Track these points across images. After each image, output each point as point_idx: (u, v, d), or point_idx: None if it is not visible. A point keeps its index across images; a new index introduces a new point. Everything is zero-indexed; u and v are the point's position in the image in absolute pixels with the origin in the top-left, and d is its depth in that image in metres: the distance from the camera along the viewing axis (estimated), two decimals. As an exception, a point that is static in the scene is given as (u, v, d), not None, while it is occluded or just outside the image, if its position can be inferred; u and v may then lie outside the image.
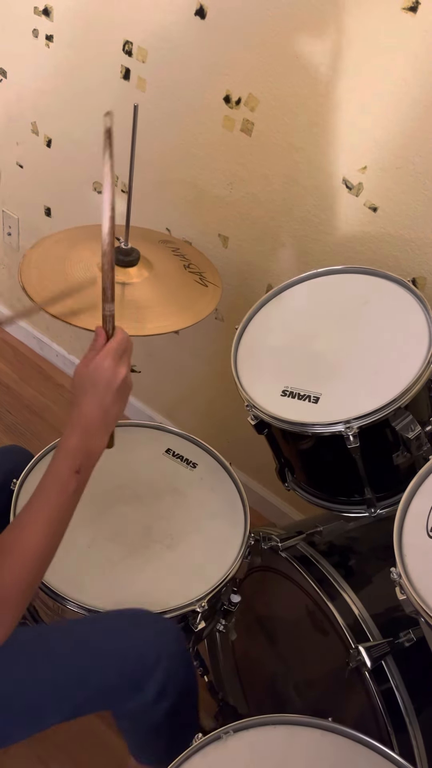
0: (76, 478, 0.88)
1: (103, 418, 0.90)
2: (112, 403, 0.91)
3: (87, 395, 0.90)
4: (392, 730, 1.01)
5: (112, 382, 0.90)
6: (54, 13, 1.67)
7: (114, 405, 0.91)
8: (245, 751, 0.88)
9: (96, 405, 0.90)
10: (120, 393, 0.91)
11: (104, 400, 0.90)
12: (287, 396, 1.16)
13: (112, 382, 0.90)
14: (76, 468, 0.88)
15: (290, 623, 1.27)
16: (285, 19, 1.32)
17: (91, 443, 0.89)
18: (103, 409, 0.90)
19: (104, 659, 1.00)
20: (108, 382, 0.90)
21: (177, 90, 1.54)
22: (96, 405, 0.90)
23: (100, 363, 0.90)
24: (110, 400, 0.90)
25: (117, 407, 0.92)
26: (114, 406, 0.91)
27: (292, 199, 1.48)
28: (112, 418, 0.92)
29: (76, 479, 0.88)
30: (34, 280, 1.30)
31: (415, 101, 1.24)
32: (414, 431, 1.08)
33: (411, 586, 0.84)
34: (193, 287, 1.37)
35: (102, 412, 0.90)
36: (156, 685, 1.00)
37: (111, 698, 1.02)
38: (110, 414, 0.91)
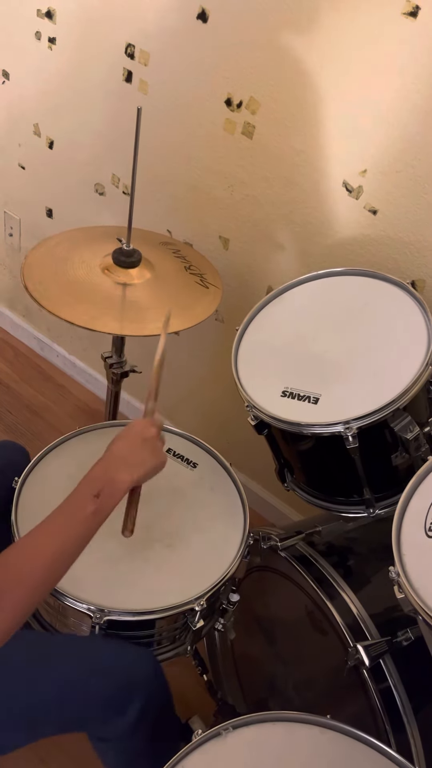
0: (94, 501, 0.92)
1: (128, 455, 0.97)
2: (140, 447, 0.98)
3: (119, 439, 0.99)
4: (390, 729, 1.02)
5: (142, 432, 1.00)
6: (57, 16, 1.68)
7: (141, 449, 0.98)
8: (244, 747, 0.89)
9: (124, 444, 0.98)
10: (149, 444, 1.00)
11: (134, 443, 0.98)
12: (287, 397, 1.16)
13: (143, 432, 1.00)
14: (96, 492, 0.93)
15: (289, 622, 1.27)
16: (286, 24, 1.33)
17: (113, 472, 0.95)
18: (131, 449, 0.98)
19: (93, 680, 1.02)
20: (139, 431, 1.00)
21: (178, 93, 1.55)
22: (124, 444, 0.98)
23: (135, 421, 1.03)
24: (138, 445, 0.99)
25: (144, 453, 0.99)
26: (141, 451, 0.98)
27: (293, 202, 1.49)
28: (138, 460, 0.98)
29: (93, 502, 0.92)
30: (36, 282, 1.31)
31: (415, 105, 1.25)
32: (413, 432, 1.09)
33: (409, 585, 0.84)
34: (193, 289, 1.38)
35: (128, 450, 0.98)
36: (136, 710, 1.02)
37: (92, 721, 1.04)
38: (136, 455, 0.98)
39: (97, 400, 2.20)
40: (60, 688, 1.00)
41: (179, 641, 1.17)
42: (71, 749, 1.41)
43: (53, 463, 1.26)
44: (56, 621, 1.14)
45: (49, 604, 1.12)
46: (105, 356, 1.51)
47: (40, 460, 1.25)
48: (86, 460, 1.26)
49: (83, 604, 1.06)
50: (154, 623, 1.10)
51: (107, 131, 1.74)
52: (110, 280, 1.34)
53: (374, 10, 1.23)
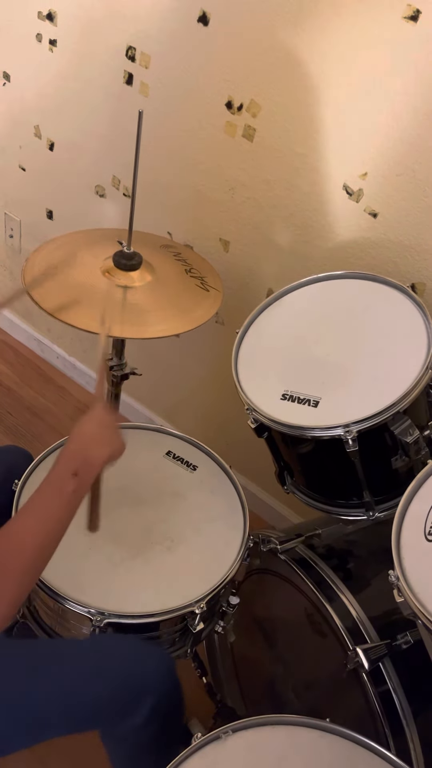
0: (73, 480, 0.92)
1: (97, 434, 0.98)
2: (106, 429, 0.99)
3: (85, 422, 0.99)
4: (389, 732, 1.02)
5: (104, 419, 1.00)
6: (58, 18, 1.69)
7: (107, 431, 0.99)
8: (244, 751, 0.89)
9: (93, 425, 0.98)
10: (112, 428, 1.00)
11: (100, 425, 0.99)
12: (287, 400, 1.17)
13: (104, 419, 1.00)
14: (74, 470, 0.92)
15: (289, 625, 1.27)
16: (287, 27, 1.34)
17: (88, 450, 0.95)
18: (99, 430, 0.98)
19: (103, 680, 1.02)
20: (101, 418, 1.00)
21: (179, 96, 1.56)
22: (93, 425, 0.98)
23: (95, 407, 1.02)
24: (104, 426, 0.99)
25: (111, 434, 0.99)
26: (107, 432, 0.99)
27: (293, 205, 1.49)
28: (107, 438, 0.98)
29: (73, 481, 0.91)
30: (36, 284, 1.31)
31: (415, 109, 1.25)
32: (412, 436, 1.09)
33: (409, 588, 0.84)
34: (194, 291, 1.38)
35: (97, 431, 0.98)
36: (148, 708, 1.02)
37: (103, 718, 1.04)
38: (104, 434, 0.98)
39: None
40: (67, 691, 1.00)
41: (179, 644, 1.17)
42: (70, 750, 1.40)
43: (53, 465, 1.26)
44: (56, 624, 1.15)
45: (49, 607, 1.12)
46: (105, 358, 1.51)
47: (40, 463, 1.25)
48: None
49: (83, 607, 1.06)
50: (154, 626, 1.10)
51: (108, 133, 1.74)
52: (111, 283, 1.34)
53: (375, 14, 1.23)
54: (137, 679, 1.02)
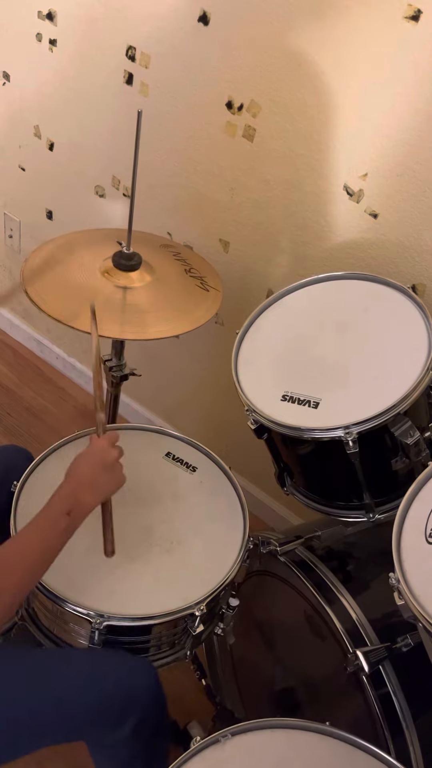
0: (66, 519, 0.98)
1: (92, 480, 1.02)
2: (102, 471, 1.03)
3: (81, 463, 1.03)
4: (389, 735, 1.02)
5: (105, 458, 1.04)
6: (58, 18, 1.68)
7: (104, 474, 1.03)
8: (243, 754, 0.88)
9: (87, 469, 1.03)
10: (112, 470, 1.05)
11: (95, 468, 1.03)
12: (287, 401, 1.16)
13: (105, 458, 1.04)
14: (67, 510, 0.98)
15: (288, 627, 1.27)
16: (287, 27, 1.33)
17: (80, 495, 1.01)
18: (94, 473, 1.03)
19: (83, 692, 1.03)
20: (102, 457, 1.04)
21: (179, 95, 1.55)
22: (87, 469, 1.03)
23: (95, 444, 1.06)
24: (100, 469, 1.03)
25: (107, 478, 1.04)
26: (104, 475, 1.03)
27: (293, 205, 1.49)
28: (102, 483, 1.03)
29: (66, 520, 0.98)
30: (35, 284, 1.31)
31: (416, 110, 1.25)
32: (413, 437, 1.09)
33: (409, 591, 0.84)
34: (193, 292, 1.38)
35: (92, 474, 1.03)
36: (133, 720, 1.04)
37: (87, 731, 1.06)
38: (100, 480, 1.03)
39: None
40: (57, 704, 1.02)
41: (179, 646, 1.17)
42: (68, 754, 1.40)
43: (52, 466, 1.26)
44: (55, 626, 1.14)
45: (48, 609, 1.12)
46: (105, 359, 1.51)
47: (39, 464, 1.25)
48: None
49: (83, 610, 1.06)
50: (153, 628, 1.10)
51: (108, 133, 1.74)
52: (110, 284, 1.33)
53: (375, 14, 1.22)
54: (123, 691, 1.04)
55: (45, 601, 1.10)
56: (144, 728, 1.04)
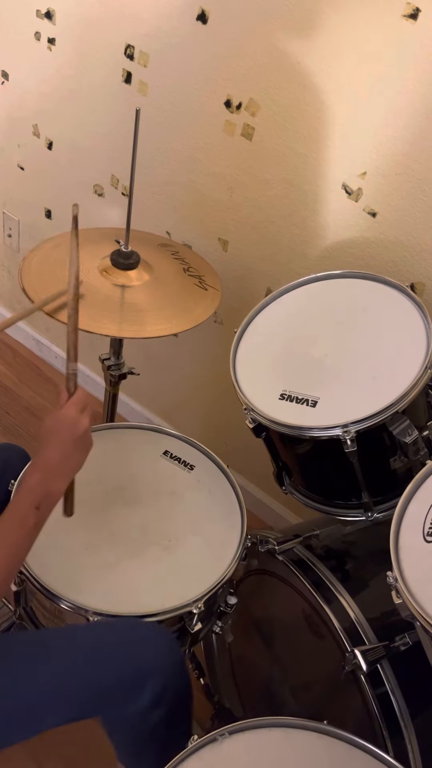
0: (35, 514, 0.94)
1: (63, 463, 0.97)
2: (73, 450, 0.98)
3: (51, 441, 0.97)
4: (387, 734, 1.02)
5: (73, 431, 0.98)
6: (56, 17, 1.68)
7: (74, 452, 0.99)
8: (241, 753, 0.88)
9: (57, 450, 0.97)
10: (81, 442, 0.99)
11: (65, 447, 0.97)
12: (285, 400, 1.16)
13: (74, 431, 0.98)
14: (36, 504, 0.94)
15: (286, 626, 1.27)
16: (286, 26, 1.33)
17: (50, 484, 0.96)
18: (64, 454, 0.97)
19: (103, 664, 1.01)
20: (70, 430, 0.98)
21: (178, 94, 1.55)
22: (57, 450, 0.97)
23: (63, 414, 0.99)
24: (71, 448, 0.98)
25: (77, 455, 0.99)
26: (74, 453, 0.99)
27: (292, 204, 1.49)
28: (72, 464, 0.99)
29: (35, 515, 0.94)
30: (34, 282, 1.31)
31: (414, 108, 1.25)
32: (411, 436, 1.08)
33: (407, 590, 0.84)
34: (192, 291, 1.38)
35: (62, 457, 0.97)
36: (151, 692, 1.00)
37: (107, 704, 1.02)
38: (70, 460, 0.98)
39: (95, 401, 2.19)
40: (60, 677, 0.99)
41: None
42: (66, 751, 1.40)
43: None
44: (52, 624, 1.14)
45: (46, 608, 1.12)
46: (103, 358, 1.51)
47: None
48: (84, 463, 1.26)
49: (80, 608, 1.06)
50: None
51: (106, 132, 1.74)
52: (108, 282, 1.33)
53: (374, 12, 1.22)
54: (140, 660, 1.01)
55: (42, 600, 1.10)
56: (164, 700, 1.01)
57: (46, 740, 1.04)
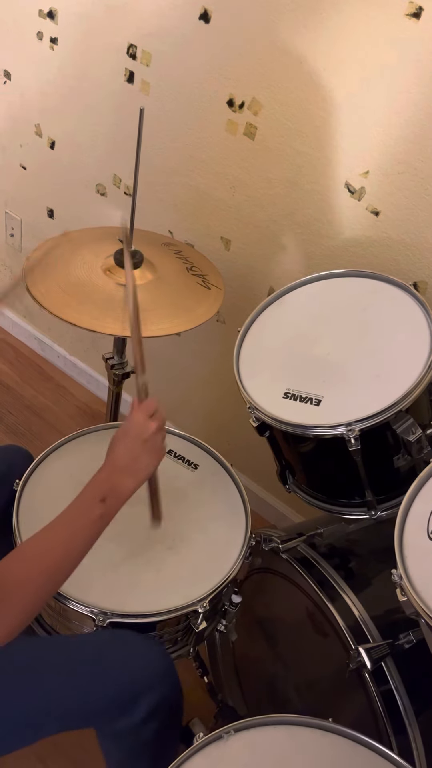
0: (100, 506, 0.94)
1: (130, 463, 0.98)
2: (141, 451, 0.99)
3: (119, 444, 0.99)
4: (392, 732, 1.02)
5: (142, 433, 0.99)
6: (58, 16, 1.68)
7: (143, 454, 0.99)
8: (246, 750, 0.89)
9: (124, 450, 0.99)
10: (150, 444, 1.00)
11: (133, 448, 0.99)
12: (289, 398, 1.16)
13: (142, 432, 0.99)
14: (101, 496, 0.95)
15: (290, 624, 1.27)
16: (289, 25, 1.33)
17: (117, 480, 0.97)
18: (131, 454, 0.99)
19: (103, 678, 1.02)
20: (138, 432, 0.99)
21: (181, 93, 1.55)
22: (124, 450, 0.99)
23: (132, 417, 1.01)
24: (139, 449, 0.99)
25: (146, 458, 1.00)
26: (143, 456, 0.99)
27: (295, 203, 1.49)
28: (141, 465, 1.00)
29: (100, 507, 0.94)
30: (37, 282, 1.31)
31: (417, 107, 1.25)
32: (415, 434, 1.09)
33: (411, 587, 0.84)
34: (195, 290, 1.38)
35: (130, 458, 0.98)
36: (145, 707, 1.01)
37: (103, 716, 1.03)
38: (139, 462, 0.99)
39: (98, 401, 2.20)
40: (62, 688, 1.00)
41: (181, 643, 1.17)
42: (70, 750, 1.40)
43: (54, 464, 1.26)
44: (58, 624, 1.14)
45: (51, 607, 1.12)
46: (106, 357, 1.51)
47: (40, 462, 1.25)
48: (87, 462, 1.26)
49: (86, 607, 1.06)
50: (156, 625, 1.10)
51: (109, 132, 1.74)
52: (112, 282, 1.33)
53: (377, 11, 1.22)
54: (136, 676, 1.02)
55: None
56: (158, 713, 1.02)
57: (50, 738, 1.05)
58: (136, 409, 1.03)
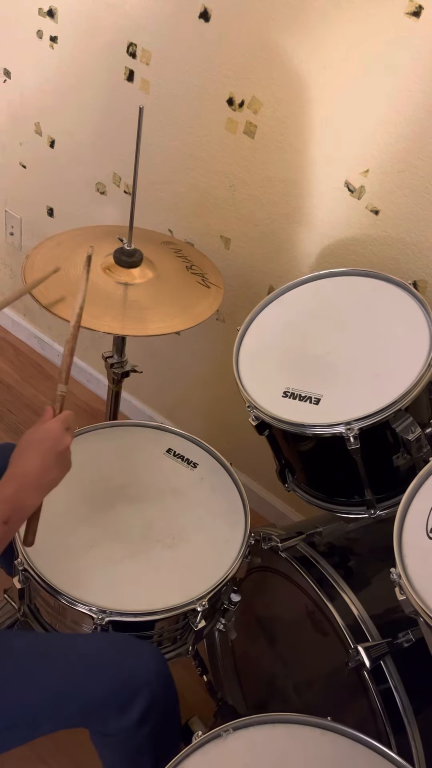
0: (3, 528, 0.91)
1: (40, 476, 0.95)
2: (53, 464, 0.95)
3: (31, 451, 0.95)
4: (391, 730, 1.02)
5: (56, 445, 0.96)
6: (58, 15, 1.68)
7: (54, 467, 0.96)
8: (245, 749, 0.89)
9: (38, 461, 0.94)
10: (61, 458, 0.97)
11: (46, 460, 0.95)
12: (288, 397, 1.16)
13: (57, 445, 0.96)
14: (6, 518, 0.91)
15: (290, 623, 1.27)
16: (288, 23, 1.33)
17: (24, 497, 0.94)
18: (44, 467, 0.95)
19: (100, 679, 1.02)
20: (53, 444, 0.96)
21: (180, 92, 1.55)
22: (38, 461, 0.94)
23: (49, 426, 0.97)
24: (52, 462, 0.95)
25: (56, 471, 0.96)
26: (53, 469, 0.96)
27: (294, 202, 1.49)
28: (49, 480, 0.96)
29: (3, 529, 0.91)
30: (37, 280, 1.31)
31: (417, 105, 1.25)
32: (414, 433, 1.09)
33: (410, 586, 0.84)
34: (195, 288, 1.38)
35: (42, 469, 0.95)
36: (138, 710, 1.01)
37: (97, 717, 1.03)
38: (48, 474, 0.96)
39: (98, 399, 2.20)
40: (60, 687, 1.00)
41: (180, 641, 1.17)
42: (70, 748, 1.41)
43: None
44: (57, 622, 1.14)
45: (50, 605, 1.12)
46: (106, 356, 1.51)
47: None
48: (86, 461, 1.27)
49: (85, 606, 1.06)
50: (155, 624, 1.10)
51: (108, 130, 1.74)
52: (111, 280, 1.33)
53: (377, 9, 1.22)
54: (130, 677, 1.02)
55: (47, 597, 1.10)
56: (152, 715, 1.02)
57: (51, 737, 1.05)
58: (54, 419, 0.99)
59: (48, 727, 1.03)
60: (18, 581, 1.12)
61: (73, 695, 1.00)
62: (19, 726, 1.00)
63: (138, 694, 1.01)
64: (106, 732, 1.05)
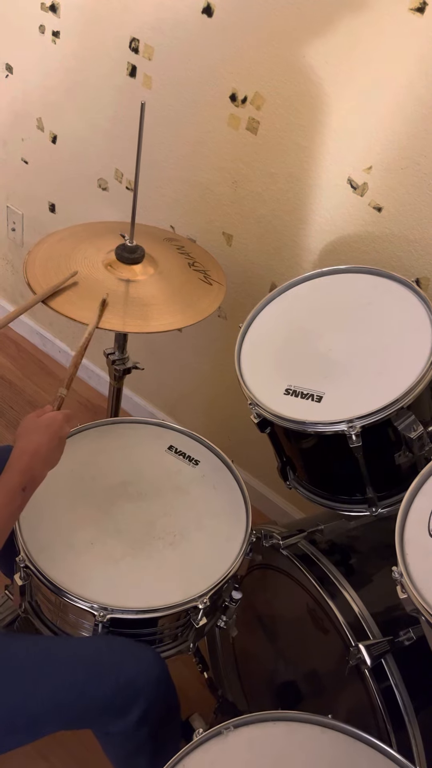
0: (22, 495, 0.98)
1: (49, 452, 1.02)
2: (56, 446, 1.04)
3: (39, 432, 1.02)
4: (391, 728, 1.02)
5: (60, 431, 1.04)
6: (61, 10, 1.68)
7: (56, 449, 1.04)
8: (245, 746, 0.89)
9: (46, 440, 1.02)
10: (61, 444, 1.05)
11: (53, 440, 1.03)
12: (290, 395, 1.16)
13: (60, 431, 1.04)
14: (24, 486, 0.99)
15: (291, 621, 1.27)
16: (292, 18, 1.33)
17: (38, 468, 1.01)
18: (51, 446, 1.02)
19: (101, 681, 1.02)
20: (57, 429, 1.04)
21: (183, 88, 1.55)
22: (46, 440, 1.02)
23: (53, 416, 1.05)
24: (56, 443, 1.03)
25: (57, 454, 1.04)
26: (56, 451, 1.04)
27: (297, 198, 1.48)
28: (54, 458, 1.04)
29: (22, 496, 0.98)
30: (38, 277, 1.31)
31: (420, 102, 1.24)
32: (416, 431, 1.08)
33: (412, 584, 0.84)
34: (197, 285, 1.38)
35: (49, 447, 1.02)
36: (138, 711, 1.02)
37: (99, 718, 1.04)
38: (55, 454, 1.04)
39: (100, 396, 2.20)
40: (60, 691, 1.01)
41: (182, 639, 1.17)
42: (72, 745, 1.41)
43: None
44: (58, 619, 1.14)
45: (51, 602, 1.12)
46: (107, 352, 1.51)
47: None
48: (88, 457, 1.27)
49: (86, 603, 1.06)
50: (157, 621, 1.10)
51: (111, 126, 1.74)
52: (113, 277, 1.33)
53: (381, 5, 1.22)
54: (129, 682, 1.03)
55: (48, 594, 1.10)
56: (150, 718, 1.03)
57: (53, 736, 1.05)
58: (57, 411, 1.07)
59: (48, 730, 1.04)
60: (19, 578, 1.12)
61: (72, 700, 1.01)
62: (20, 729, 1.01)
63: (137, 698, 1.02)
64: (108, 732, 1.06)
